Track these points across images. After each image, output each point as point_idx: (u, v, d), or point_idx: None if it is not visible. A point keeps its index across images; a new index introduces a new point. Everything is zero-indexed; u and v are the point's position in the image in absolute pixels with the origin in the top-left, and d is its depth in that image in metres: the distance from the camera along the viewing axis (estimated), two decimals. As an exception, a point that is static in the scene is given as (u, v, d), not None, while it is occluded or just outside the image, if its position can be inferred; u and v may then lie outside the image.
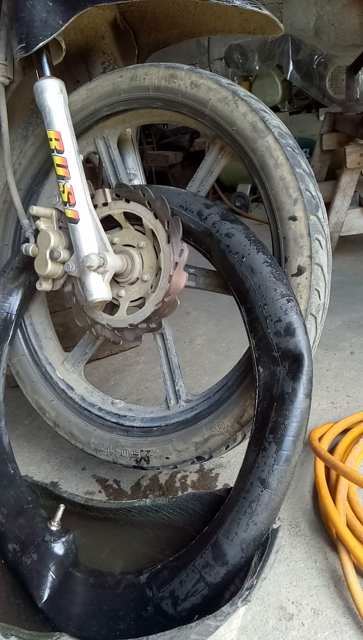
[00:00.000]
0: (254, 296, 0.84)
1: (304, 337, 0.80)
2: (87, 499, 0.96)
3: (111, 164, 1.06)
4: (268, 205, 0.88)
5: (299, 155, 0.88)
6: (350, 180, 2.18)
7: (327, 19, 3.78)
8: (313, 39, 3.58)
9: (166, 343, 1.04)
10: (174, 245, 0.92)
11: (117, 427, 1.09)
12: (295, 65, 3.34)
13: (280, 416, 0.77)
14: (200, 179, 1.00)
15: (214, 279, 0.98)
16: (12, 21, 0.93)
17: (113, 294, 0.99)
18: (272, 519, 0.75)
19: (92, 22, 1.09)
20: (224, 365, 1.68)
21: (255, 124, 0.87)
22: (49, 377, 1.17)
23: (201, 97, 0.90)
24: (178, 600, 0.75)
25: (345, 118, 2.17)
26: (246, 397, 0.92)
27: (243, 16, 1.02)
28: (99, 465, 1.29)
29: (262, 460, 0.76)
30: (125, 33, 1.16)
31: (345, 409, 1.36)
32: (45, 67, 0.94)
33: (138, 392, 1.61)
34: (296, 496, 1.10)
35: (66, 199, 0.92)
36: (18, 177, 1.12)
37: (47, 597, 0.84)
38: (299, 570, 0.93)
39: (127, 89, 0.97)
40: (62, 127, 0.93)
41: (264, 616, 0.86)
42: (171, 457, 1.01)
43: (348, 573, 0.87)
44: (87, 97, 1.02)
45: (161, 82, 0.94)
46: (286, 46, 3.33)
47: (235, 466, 1.22)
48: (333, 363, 1.58)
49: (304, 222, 0.85)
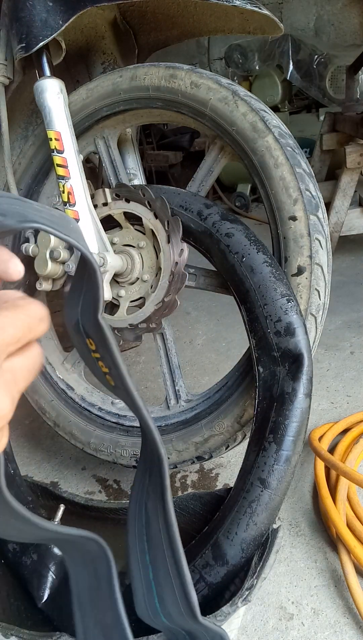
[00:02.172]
0: (254, 296, 0.84)
1: (304, 337, 0.80)
2: (87, 499, 0.96)
3: (111, 164, 1.06)
4: (268, 205, 0.88)
5: (299, 155, 0.88)
6: (350, 180, 2.18)
7: (327, 19, 3.78)
8: (313, 39, 3.58)
9: (166, 343, 1.04)
10: (174, 245, 0.92)
11: (117, 427, 1.09)
12: (295, 65, 3.35)
13: (280, 416, 0.77)
14: (200, 179, 1.00)
15: (214, 279, 0.98)
16: (12, 21, 0.93)
17: (113, 293, 0.99)
18: (272, 519, 0.75)
19: (92, 22, 1.09)
20: (225, 365, 1.68)
21: (255, 124, 0.87)
22: (48, 377, 1.17)
23: (201, 97, 0.90)
24: (178, 600, 0.75)
25: (345, 118, 2.17)
26: (246, 397, 0.92)
27: (243, 16, 1.02)
28: (99, 465, 1.29)
29: (262, 460, 0.76)
30: (125, 33, 1.16)
31: (345, 409, 1.36)
32: (45, 67, 0.94)
33: (138, 392, 1.61)
34: (296, 496, 1.10)
35: (66, 199, 0.92)
36: (18, 177, 1.12)
37: (47, 597, 0.84)
38: (299, 570, 0.93)
39: (127, 88, 0.97)
40: (62, 127, 0.93)
41: (264, 616, 0.86)
42: (171, 457, 1.01)
43: (348, 573, 0.87)
44: (87, 97, 1.02)
45: (161, 82, 0.94)
46: (286, 46, 3.33)
47: (235, 466, 1.21)
48: (333, 363, 1.58)
49: (304, 222, 0.85)
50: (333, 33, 3.78)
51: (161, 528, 0.45)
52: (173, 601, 0.47)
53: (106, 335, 0.36)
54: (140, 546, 0.49)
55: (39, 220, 0.32)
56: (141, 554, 0.49)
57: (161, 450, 0.42)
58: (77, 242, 0.33)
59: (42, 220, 0.32)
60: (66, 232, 0.33)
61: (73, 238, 0.33)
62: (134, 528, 0.49)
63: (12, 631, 0.67)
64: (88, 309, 0.37)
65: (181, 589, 0.45)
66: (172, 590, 0.46)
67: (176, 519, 0.43)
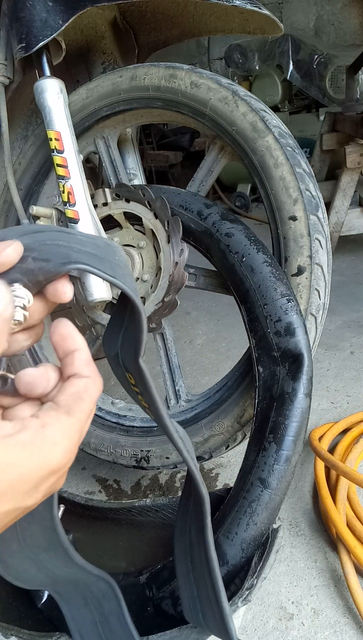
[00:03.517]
0: (254, 296, 0.84)
1: (304, 336, 0.80)
2: (87, 499, 0.96)
3: (111, 164, 1.06)
4: (268, 205, 0.88)
5: (299, 155, 0.88)
6: (350, 180, 2.18)
7: (327, 18, 3.78)
8: (313, 39, 3.58)
9: (166, 343, 1.04)
10: (174, 245, 0.92)
11: (117, 427, 1.09)
12: (295, 65, 3.34)
13: (280, 416, 0.77)
14: (200, 178, 1.00)
15: (214, 278, 0.98)
16: (12, 21, 0.93)
17: (113, 294, 0.99)
18: (272, 518, 0.75)
19: (92, 22, 1.09)
20: (225, 365, 1.68)
21: (255, 124, 0.87)
22: (49, 377, 1.16)
23: (201, 97, 0.90)
24: (178, 600, 0.75)
25: (345, 118, 2.16)
26: (246, 397, 0.92)
27: (243, 16, 1.02)
28: (99, 465, 1.29)
29: (262, 460, 0.76)
30: (125, 33, 1.16)
31: (345, 409, 1.36)
32: (45, 67, 0.94)
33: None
34: (296, 496, 1.10)
35: (66, 199, 0.92)
36: (18, 177, 1.12)
37: (46, 597, 0.84)
38: (299, 570, 0.93)
39: (127, 88, 0.97)
40: (62, 127, 0.93)
41: (264, 616, 0.86)
42: (171, 456, 1.01)
43: (348, 573, 0.87)
44: (87, 97, 1.02)
45: (161, 82, 0.94)
46: (286, 46, 3.33)
47: (235, 466, 1.21)
48: (333, 363, 1.58)
49: (304, 221, 0.85)
50: (333, 33, 3.78)
51: (203, 558, 0.48)
52: (213, 625, 0.50)
53: (146, 379, 0.36)
54: (186, 564, 0.53)
55: (83, 260, 0.31)
56: (186, 571, 0.52)
57: (202, 490, 0.43)
58: (122, 283, 0.33)
59: (86, 259, 0.31)
60: (111, 267, 0.33)
61: (119, 274, 0.33)
62: (180, 544, 0.52)
63: (12, 631, 0.67)
64: (129, 348, 0.37)
65: (221, 620, 0.48)
66: (213, 615, 0.50)
67: (216, 556, 0.46)
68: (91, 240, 0.34)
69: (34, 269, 0.31)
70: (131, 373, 0.38)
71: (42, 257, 0.31)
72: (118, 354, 0.39)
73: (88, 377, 0.33)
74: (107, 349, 0.40)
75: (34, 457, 0.29)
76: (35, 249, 0.31)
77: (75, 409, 0.31)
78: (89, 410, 0.32)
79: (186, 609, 0.54)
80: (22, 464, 0.28)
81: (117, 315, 0.39)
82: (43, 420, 0.30)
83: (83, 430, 0.32)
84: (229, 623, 0.48)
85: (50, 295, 0.32)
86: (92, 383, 0.33)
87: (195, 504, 0.45)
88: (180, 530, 0.51)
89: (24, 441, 0.29)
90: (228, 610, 0.47)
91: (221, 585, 0.47)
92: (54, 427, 0.30)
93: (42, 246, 0.31)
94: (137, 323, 0.35)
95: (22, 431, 0.29)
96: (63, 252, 0.31)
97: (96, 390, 0.33)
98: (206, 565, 0.47)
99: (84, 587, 0.53)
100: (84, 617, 0.54)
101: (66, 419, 0.31)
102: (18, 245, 0.30)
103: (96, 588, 0.53)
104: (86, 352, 0.34)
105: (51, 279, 0.31)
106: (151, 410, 0.40)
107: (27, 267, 0.31)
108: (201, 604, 0.51)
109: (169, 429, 0.40)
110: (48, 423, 0.30)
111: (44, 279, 0.31)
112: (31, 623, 0.81)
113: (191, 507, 0.47)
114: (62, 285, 0.32)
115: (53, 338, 0.33)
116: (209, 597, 0.48)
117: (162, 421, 0.39)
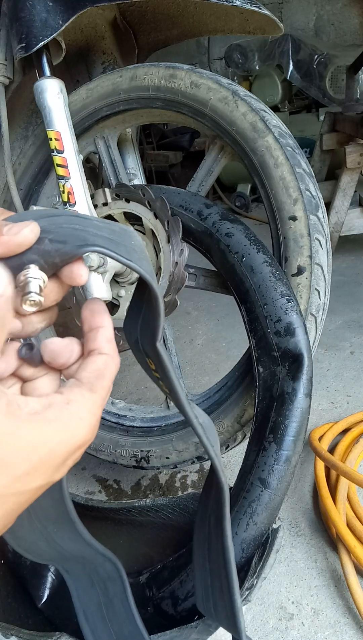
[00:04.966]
0: (254, 296, 0.84)
1: (304, 336, 0.80)
2: (87, 499, 0.96)
3: (111, 164, 1.06)
4: (268, 205, 0.88)
5: (299, 155, 0.88)
6: (350, 180, 2.18)
7: (327, 18, 3.78)
8: (313, 39, 3.58)
9: (166, 343, 1.04)
10: (174, 245, 0.92)
11: (117, 427, 1.09)
12: (295, 65, 3.34)
13: (280, 416, 0.77)
14: (200, 179, 1.00)
15: (214, 279, 0.98)
16: (12, 21, 0.93)
17: (113, 293, 0.99)
18: (272, 518, 0.75)
19: (92, 22, 1.09)
20: (224, 365, 1.68)
21: (255, 124, 0.87)
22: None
23: (201, 97, 0.90)
24: (178, 600, 0.75)
25: (345, 118, 2.16)
26: (246, 397, 0.92)
27: (243, 16, 1.02)
28: (99, 465, 1.29)
29: (262, 460, 0.76)
30: (125, 33, 1.16)
31: (345, 409, 1.36)
32: (45, 67, 0.94)
33: (138, 392, 1.61)
34: (296, 496, 1.10)
35: (66, 198, 0.92)
36: (18, 177, 1.12)
37: (46, 598, 0.84)
38: (299, 570, 0.93)
39: (127, 88, 0.97)
40: (62, 127, 0.93)
41: (264, 616, 0.86)
42: (171, 457, 1.01)
43: (348, 573, 0.87)
44: (87, 97, 1.02)
45: (161, 82, 0.94)
46: (286, 46, 3.33)
47: (235, 466, 1.21)
48: (333, 363, 1.58)
49: (304, 221, 0.85)
50: (333, 33, 3.78)
51: (219, 548, 0.48)
52: (224, 617, 0.50)
53: (164, 363, 0.37)
54: (203, 552, 0.52)
55: (100, 243, 0.31)
56: (203, 560, 0.52)
57: (222, 479, 0.43)
58: (139, 267, 0.33)
59: (102, 242, 0.32)
60: (127, 251, 0.33)
61: (135, 258, 0.33)
62: (200, 532, 0.53)
63: (12, 631, 0.67)
64: (147, 333, 0.37)
65: (231, 612, 0.48)
66: (224, 607, 0.50)
67: (233, 548, 0.47)
68: (107, 225, 0.34)
69: (50, 250, 0.31)
70: (150, 358, 0.38)
71: (58, 239, 0.31)
72: (138, 339, 0.39)
73: (108, 354, 0.34)
74: (128, 336, 0.40)
75: (62, 434, 0.30)
76: (52, 231, 0.31)
77: (97, 385, 0.32)
78: (108, 387, 0.33)
79: (198, 599, 0.54)
80: (51, 440, 0.29)
81: (136, 301, 0.39)
82: (67, 397, 0.31)
83: (103, 406, 0.33)
84: (239, 617, 0.48)
85: (65, 277, 0.33)
86: (111, 360, 0.34)
87: (216, 493, 0.46)
88: (201, 518, 0.51)
89: (51, 418, 0.29)
90: (239, 603, 0.48)
91: (235, 576, 0.47)
92: (78, 404, 0.31)
93: (58, 229, 0.31)
94: (154, 307, 0.35)
95: (49, 408, 0.30)
96: (80, 234, 0.31)
97: (114, 368, 0.34)
98: (222, 555, 0.47)
99: (91, 568, 0.53)
100: (90, 598, 0.55)
101: (90, 395, 0.32)
102: (35, 226, 0.31)
103: (102, 569, 0.53)
104: (110, 331, 0.35)
105: (67, 261, 0.32)
106: (171, 396, 0.40)
107: (44, 249, 0.31)
108: (213, 595, 0.52)
109: (189, 414, 0.40)
110: (73, 400, 0.31)
111: (60, 261, 0.31)
112: (31, 623, 0.81)
113: (212, 496, 0.47)
114: (78, 268, 0.32)
115: (83, 313, 0.35)
116: (222, 587, 0.49)
117: (182, 407, 0.39)
